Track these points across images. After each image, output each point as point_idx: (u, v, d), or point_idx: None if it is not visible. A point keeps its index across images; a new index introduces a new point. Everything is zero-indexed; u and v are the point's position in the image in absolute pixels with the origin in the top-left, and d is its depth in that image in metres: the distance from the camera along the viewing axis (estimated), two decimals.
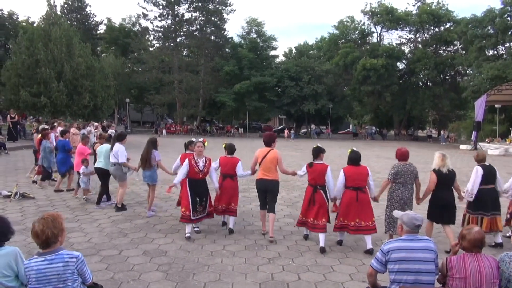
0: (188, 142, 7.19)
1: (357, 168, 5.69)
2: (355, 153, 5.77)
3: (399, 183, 5.74)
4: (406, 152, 5.94)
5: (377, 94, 41.59)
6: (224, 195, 6.38)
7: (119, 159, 7.47)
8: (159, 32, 44.30)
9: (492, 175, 6.01)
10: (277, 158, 6.08)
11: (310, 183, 5.83)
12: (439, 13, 40.90)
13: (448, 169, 5.72)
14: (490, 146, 26.90)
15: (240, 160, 6.54)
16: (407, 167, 5.76)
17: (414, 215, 3.27)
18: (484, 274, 2.90)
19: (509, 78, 29.10)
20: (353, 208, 5.55)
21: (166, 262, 5.07)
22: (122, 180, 7.67)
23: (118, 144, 7.63)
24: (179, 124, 44.79)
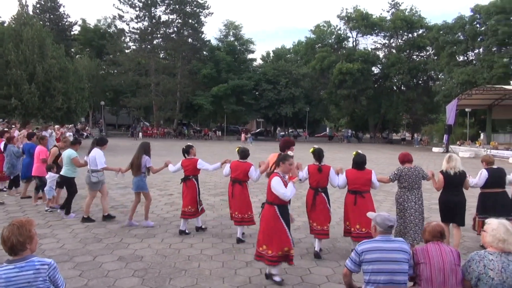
0: (186, 146, 6.79)
1: (360, 172, 5.52)
2: (360, 156, 5.59)
3: (404, 188, 5.56)
4: (407, 155, 5.78)
5: (353, 98, 42.29)
6: (236, 202, 6.13)
7: (98, 165, 6.93)
8: (136, 34, 43.74)
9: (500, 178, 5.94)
10: None
11: (311, 186, 5.64)
12: (412, 19, 42.02)
13: (458, 171, 5.63)
14: (461, 148, 27.74)
15: (252, 165, 6.17)
16: (412, 171, 5.55)
17: (387, 216, 3.35)
18: (446, 258, 3.11)
19: (478, 83, 30.16)
20: (350, 212, 5.47)
21: (142, 267, 5.00)
22: (92, 188, 7.09)
23: (96, 149, 7.08)
24: (156, 127, 44.25)
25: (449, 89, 33.60)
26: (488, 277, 2.92)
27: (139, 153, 6.84)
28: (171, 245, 5.89)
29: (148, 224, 6.91)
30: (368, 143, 41.94)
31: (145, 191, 6.95)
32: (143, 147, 6.92)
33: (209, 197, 9.74)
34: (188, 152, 6.71)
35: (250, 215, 6.17)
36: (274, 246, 4.46)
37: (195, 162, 6.54)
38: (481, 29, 34.02)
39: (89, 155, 7.08)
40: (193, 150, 6.74)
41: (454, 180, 5.64)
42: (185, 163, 6.59)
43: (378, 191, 9.32)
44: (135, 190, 6.92)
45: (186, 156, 6.72)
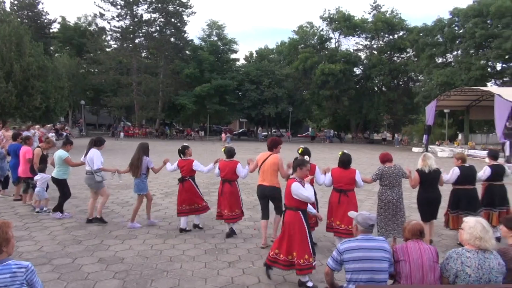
0: (182, 147, 6.86)
1: (344, 171, 5.68)
2: (346, 155, 5.77)
3: (386, 186, 5.87)
4: (387, 154, 6.07)
5: (335, 98, 42.68)
6: (225, 201, 6.26)
7: (94, 165, 6.81)
8: (117, 32, 43.13)
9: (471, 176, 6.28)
10: (277, 163, 5.82)
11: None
12: (393, 21, 42.67)
13: (431, 168, 5.95)
14: (439, 148, 28.32)
15: (239, 162, 6.37)
16: (392, 170, 5.85)
17: (368, 215, 3.40)
18: (425, 255, 3.17)
19: (456, 85, 30.84)
20: (334, 210, 5.66)
21: (123, 269, 4.93)
22: (98, 188, 7.02)
23: (94, 149, 6.97)
24: (138, 127, 43.73)
25: (429, 90, 34.26)
26: (466, 274, 2.99)
27: (139, 154, 6.76)
28: (152, 246, 5.83)
29: (152, 223, 6.97)
30: (350, 143, 42.42)
31: (145, 192, 6.90)
32: (142, 148, 6.86)
33: None
34: (184, 153, 6.79)
35: (237, 212, 6.34)
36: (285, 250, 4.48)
37: (190, 163, 6.66)
38: (459, 31, 34.80)
39: (87, 155, 6.95)
40: (189, 151, 6.81)
41: (428, 177, 5.97)
42: (181, 164, 6.72)
43: (360, 190, 9.42)
44: (136, 191, 6.86)
45: (182, 157, 6.80)
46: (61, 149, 7.37)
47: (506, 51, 29.85)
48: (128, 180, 9.40)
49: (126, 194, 9.85)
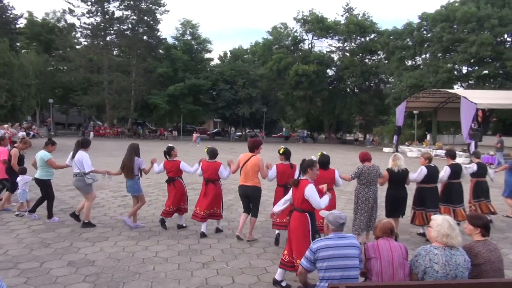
0: (168, 148, 6.81)
1: (324, 171, 5.82)
2: (325, 156, 5.95)
3: (363, 185, 6.13)
4: (367, 154, 6.34)
5: (308, 99, 43.14)
6: (207, 201, 6.32)
7: (86, 168, 6.63)
8: (87, 29, 42.00)
9: (434, 175, 6.64)
10: (258, 164, 6.04)
11: (280, 183, 6.05)
12: (364, 24, 43.53)
13: (400, 168, 6.27)
14: (409, 148, 29.11)
15: (221, 164, 6.44)
16: (370, 169, 6.11)
17: (339, 214, 3.47)
18: (395, 253, 3.26)
19: (425, 87, 31.79)
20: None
21: (94, 272, 4.81)
22: (87, 191, 6.79)
23: (82, 151, 6.76)
24: (109, 126, 42.77)
25: (399, 92, 35.16)
26: (433, 270, 3.09)
27: (130, 155, 6.67)
28: (124, 248, 5.72)
29: (138, 225, 6.85)
30: (323, 144, 42.99)
31: (140, 193, 6.84)
32: (134, 149, 6.76)
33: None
34: (170, 154, 6.79)
35: (216, 210, 6.45)
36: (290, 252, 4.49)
37: (178, 164, 6.70)
38: (427, 35, 35.88)
39: (74, 157, 6.71)
40: (174, 152, 6.82)
41: (397, 176, 6.28)
42: (168, 165, 6.74)
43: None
44: (133, 193, 6.80)
45: (168, 158, 6.80)
46: (43, 150, 7.11)
47: (471, 55, 31.03)
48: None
49: (98, 195, 9.61)
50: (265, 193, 10.10)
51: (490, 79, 33.52)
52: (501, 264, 3.32)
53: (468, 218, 3.60)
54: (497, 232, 7.25)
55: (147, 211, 8.21)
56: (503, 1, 32.81)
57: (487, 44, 30.03)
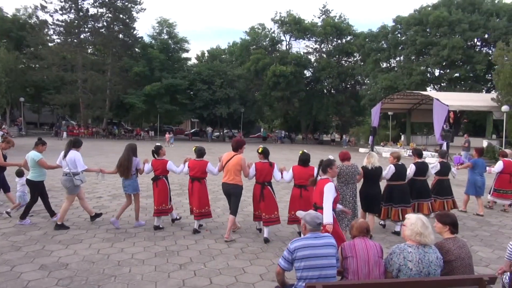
0: (156, 147, 7.02)
1: (304, 168, 6.23)
2: (305, 154, 6.31)
3: (342, 183, 6.37)
4: (347, 153, 6.58)
5: (286, 100, 43.39)
6: (195, 198, 6.58)
7: (79, 167, 6.63)
8: (60, 26, 40.86)
9: (402, 173, 6.94)
10: (240, 163, 6.29)
11: (258, 181, 6.35)
12: (341, 26, 44.13)
13: (374, 166, 6.58)
14: (384, 149, 29.70)
15: (209, 162, 6.67)
16: (349, 168, 6.35)
17: (316, 214, 3.52)
18: (371, 252, 3.32)
19: (399, 89, 32.52)
20: (297, 204, 6.07)
21: (67, 275, 4.69)
22: (72, 192, 6.72)
23: (74, 151, 6.73)
24: (83, 126, 41.79)
25: (374, 93, 35.81)
26: (407, 268, 3.16)
27: (128, 155, 6.75)
28: (99, 251, 5.61)
29: (139, 224, 6.97)
30: (301, 144, 43.33)
31: (137, 192, 6.96)
32: (131, 149, 6.84)
33: (141, 199, 9.42)
34: (158, 153, 6.96)
35: (207, 209, 6.68)
36: None
37: (165, 163, 6.85)
38: (401, 38, 36.71)
39: (66, 157, 6.65)
40: (162, 151, 6.99)
41: (371, 173, 6.58)
42: (156, 164, 6.88)
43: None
44: (132, 192, 6.86)
45: (156, 157, 6.96)
46: (33, 150, 6.90)
47: (443, 58, 31.96)
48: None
49: None
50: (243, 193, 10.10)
51: (461, 82, 34.61)
52: (470, 260, 3.44)
53: (437, 216, 3.71)
54: (468, 230, 7.49)
55: None
56: (473, 6, 33.96)
57: (458, 48, 30.99)
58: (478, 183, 8.81)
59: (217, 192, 10.07)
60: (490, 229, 7.65)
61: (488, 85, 35.09)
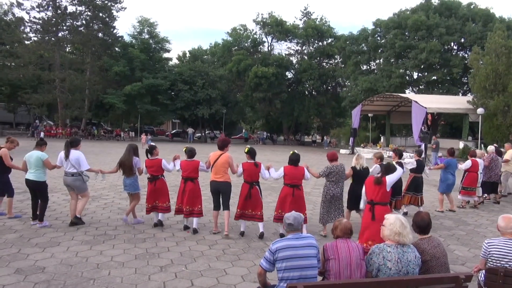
0: (150, 147, 7.19)
1: (296, 168, 6.43)
2: (295, 155, 6.49)
3: (332, 182, 6.75)
4: (335, 154, 6.98)
5: (268, 101, 43.50)
6: (187, 198, 6.61)
7: (82, 167, 6.78)
8: (37, 24, 39.89)
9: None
10: (228, 161, 6.57)
11: (246, 180, 6.52)
12: (322, 28, 44.52)
13: (362, 166, 7.00)
14: (364, 150, 30.07)
15: (200, 161, 6.82)
16: (338, 168, 6.76)
17: (298, 214, 3.55)
18: (353, 254, 3.33)
19: (379, 91, 33.02)
20: (288, 202, 6.28)
21: (44, 279, 4.58)
22: (83, 190, 6.96)
23: (74, 150, 6.84)
24: (61, 126, 40.88)
25: (354, 95, 36.25)
26: (387, 267, 3.21)
27: (129, 154, 7.00)
28: (77, 253, 5.50)
29: (139, 221, 7.18)
30: (282, 145, 43.53)
31: (138, 191, 7.14)
32: (133, 149, 7.08)
33: (121, 200, 9.30)
34: (151, 153, 7.08)
35: (199, 208, 6.74)
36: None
37: (159, 162, 6.98)
38: (381, 41, 37.26)
39: (68, 157, 6.73)
40: (156, 151, 7.11)
41: (359, 173, 6.89)
42: (149, 164, 6.99)
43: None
44: (133, 191, 7.07)
45: (150, 157, 7.08)
46: (37, 150, 6.86)
47: (422, 62, 32.62)
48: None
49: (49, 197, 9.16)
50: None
51: (439, 85, 35.41)
52: (446, 259, 3.53)
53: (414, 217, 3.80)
54: (445, 229, 7.67)
55: (102, 214, 7.95)
56: (450, 11, 34.82)
57: (436, 51, 31.70)
58: (449, 181, 9.19)
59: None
60: (466, 228, 7.85)
61: (464, 88, 35.98)
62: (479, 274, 3.95)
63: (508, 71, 22.40)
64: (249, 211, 6.51)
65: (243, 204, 6.52)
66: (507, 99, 21.96)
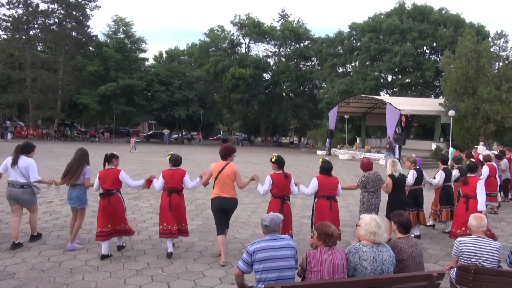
0: (110, 155, 5.84)
1: (329, 178, 5.71)
2: (327, 163, 5.80)
3: (371, 192, 6.25)
4: (369, 162, 6.48)
5: (245, 102, 43.51)
6: (173, 214, 5.57)
7: (31, 178, 5.71)
8: (7, 22, 38.60)
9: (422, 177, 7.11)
10: (234, 173, 5.56)
11: (276, 195, 5.54)
12: (299, 31, 44.89)
13: (399, 173, 6.57)
14: (340, 151, 30.51)
15: (186, 172, 5.81)
16: (376, 176, 6.30)
17: (276, 215, 3.56)
18: (337, 265, 3.23)
19: (355, 93, 33.57)
20: (328, 217, 5.39)
21: (15, 285, 4.44)
22: (32, 203, 5.92)
23: (26, 157, 5.78)
24: (32, 127, 39.66)
25: (331, 97, 36.71)
26: (362, 267, 3.26)
27: (81, 161, 5.77)
28: (50, 258, 5.34)
29: (73, 247, 5.75)
30: (260, 146, 43.62)
31: (85, 206, 5.94)
32: (85, 155, 5.86)
33: (95, 203, 9.08)
34: (110, 161, 5.79)
35: (184, 226, 5.81)
36: None
37: (116, 173, 5.68)
38: (357, 44, 37.93)
39: (17, 163, 5.67)
40: (117, 161, 5.84)
41: (398, 181, 6.54)
42: (102, 174, 5.66)
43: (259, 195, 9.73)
44: (79, 205, 5.82)
45: (106, 166, 5.79)
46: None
47: (396, 65, 33.40)
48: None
49: None
50: (201, 197, 10.00)
51: (412, 87, 36.33)
52: (421, 258, 3.62)
53: (392, 216, 3.88)
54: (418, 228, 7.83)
55: None
56: (423, 16, 35.78)
57: (409, 55, 32.51)
58: None
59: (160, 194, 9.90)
60: (439, 226, 8.05)
61: (437, 90, 37.04)
62: (451, 271, 4.06)
63: (477, 75, 23.20)
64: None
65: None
66: (477, 102, 22.74)
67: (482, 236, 3.95)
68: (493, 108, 21.98)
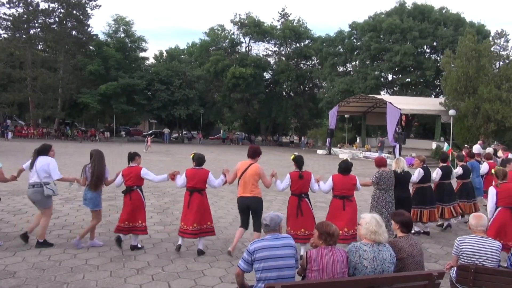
0: (133, 153, 6.03)
1: (346, 177, 5.77)
2: (345, 163, 5.88)
3: (383, 190, 6.27)
4: (383, 159, 6.52)
5: (245, 102, 43.50)
6: (195, 213, 5.60)
7: (53, 176, 5.71)
8: (7, 21, 38.61)
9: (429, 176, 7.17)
10: (258, 173, 5.63)
11: (294, 193, 5.69)
12: (299, 30, 44.86)
13: (403, 170, 6.61)
14: (341, 151, 30.53)
15: (209, 172, 5.84)
16: (389, 174, 6.30)
17: (276, 214, 3.55)
18: (337, 264, 3.23)
19: (355, 92, 33.56)
20: (339, 217, 5.51)
21: (15, 284, 4.44)
22: (46, 206, 5.79)
23: (44, 157, 5.78)
24: (33, 126, 39.67)
25: (331, 96, 36.71)
26: (363, 266, 3.26)
27: (101, 163, 5.79)
28: (50, 257, 5.35)
29: (95, 244, 5.92)
30: (260, 146, 43.45)
31: (97, 209, 5.93)
32: (103, 157, 5.91)
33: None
34: (133, 159, 5.95)
35: (209, 225, 5.80)
36: None
37: (138, 170, 5.83)
38: (357, 44, 37.91)
39: (34, 165, 5.71)
40: (139, 159, 6.01)
41: (401, 177, 6.61)
42: (126, 172, 5.83)
43: (269, 191, 9.75)
44: (93, 208, 5.85)
45: (130, 164, 5.94)
46: None
47: (396, 64, 33.38)
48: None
49: (19, 200, 8.90)
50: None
51: (412, 87, 36.31)
52: (421, 257, 3.62)
53: (392, 215, 3.88)
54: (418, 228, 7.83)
55: (76, 216, 7.76)
56: (423, 15, 35.74)
57: (409, 54, 32.49)
58: (476, 184, 8.76)
59: (161, 193, 9.91)
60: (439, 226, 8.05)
61: (437, 90, 37.01)
62: (451, 271, 4.06)
63: (477, 74, 23.19)
64: (302, 232, 5.51)
65: (294, 223, 5.58)
66: (477, 101, 22.73)
67: (482, 236, 3.95)
68: (493, 108, 21.97)
